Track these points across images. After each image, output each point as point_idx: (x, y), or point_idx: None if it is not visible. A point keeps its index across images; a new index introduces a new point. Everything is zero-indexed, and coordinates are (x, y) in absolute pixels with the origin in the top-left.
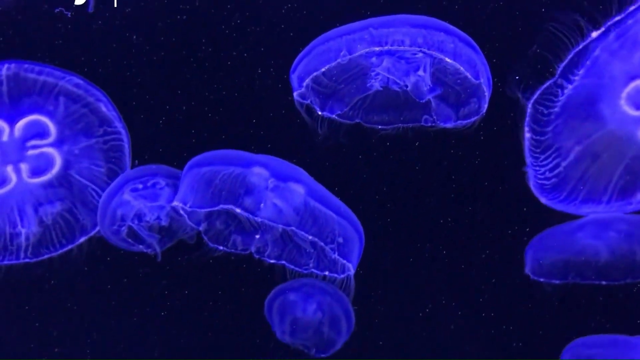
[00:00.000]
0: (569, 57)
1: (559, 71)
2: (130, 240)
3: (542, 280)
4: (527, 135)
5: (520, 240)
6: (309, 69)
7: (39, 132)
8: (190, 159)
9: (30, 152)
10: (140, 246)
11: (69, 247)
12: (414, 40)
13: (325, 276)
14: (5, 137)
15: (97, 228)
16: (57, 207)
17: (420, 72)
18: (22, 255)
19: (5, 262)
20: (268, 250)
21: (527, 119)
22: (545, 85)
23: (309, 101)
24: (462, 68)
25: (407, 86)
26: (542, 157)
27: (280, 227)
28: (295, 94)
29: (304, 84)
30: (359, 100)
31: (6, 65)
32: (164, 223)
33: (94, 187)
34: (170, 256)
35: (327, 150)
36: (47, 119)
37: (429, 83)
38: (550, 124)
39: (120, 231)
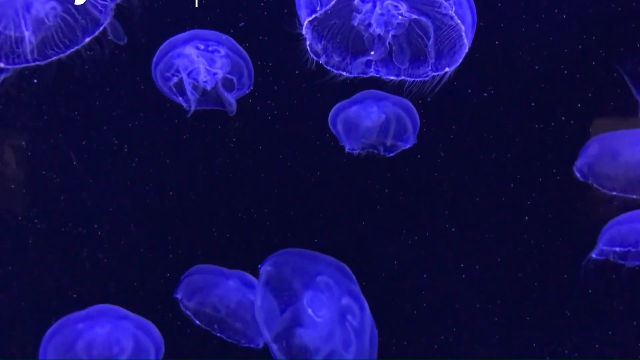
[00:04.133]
0: None
1: None
2: (174, 89)
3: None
4: None
5: None
6: None
7: None
8: None
9: None
10: (180, 98)
11: (75, 47)
12: None
13: (445, 74)
14: None
15: (100, 28)
16: (56, 7)
17: None
18: (29, 57)
19: (16, 65)
20: (385, 69)
21: None
22: None
23: None
24: None
25: None
26: None
27: None
28: None
29: None
30: None
31: None
32: (208, 88)
33: None
34: None
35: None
36: None
37: None
38: None
39: (172, 79)
